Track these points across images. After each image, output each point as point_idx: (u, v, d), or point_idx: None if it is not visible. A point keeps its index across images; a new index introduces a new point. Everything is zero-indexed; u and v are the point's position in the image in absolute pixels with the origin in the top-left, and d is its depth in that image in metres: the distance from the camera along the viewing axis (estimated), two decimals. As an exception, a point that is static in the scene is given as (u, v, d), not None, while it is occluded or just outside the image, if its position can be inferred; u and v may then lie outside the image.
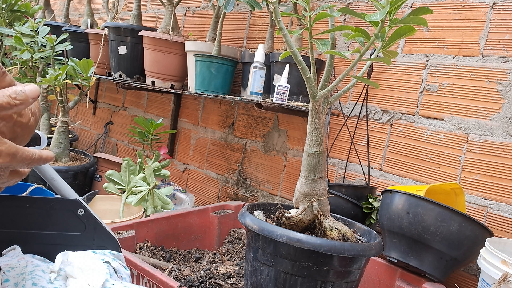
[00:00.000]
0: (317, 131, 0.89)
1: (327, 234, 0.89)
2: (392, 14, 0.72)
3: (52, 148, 1.91)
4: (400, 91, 1.41)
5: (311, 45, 0.84)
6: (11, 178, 0.47)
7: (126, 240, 1.16)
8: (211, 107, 2.04)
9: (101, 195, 1.68)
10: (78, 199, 0.61)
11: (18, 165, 0.44)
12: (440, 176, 1.31)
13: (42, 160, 0.47)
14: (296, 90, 1.51)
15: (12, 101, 0.41)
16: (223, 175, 1.97)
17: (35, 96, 0.42)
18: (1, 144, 0.41)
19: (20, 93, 0.41)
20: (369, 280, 1.20)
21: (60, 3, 3.09)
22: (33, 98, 0.42)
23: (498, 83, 1.21)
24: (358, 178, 1.51)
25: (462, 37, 1.29)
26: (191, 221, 1.38)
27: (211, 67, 1.63)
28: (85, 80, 1.84)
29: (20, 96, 0.41)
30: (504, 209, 1.19)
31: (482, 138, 1.23)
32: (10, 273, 0.52)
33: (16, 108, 0.41)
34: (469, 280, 1.24)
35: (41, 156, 0.47)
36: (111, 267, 0.59)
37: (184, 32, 2.16)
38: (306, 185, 0.90)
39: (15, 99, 0.41)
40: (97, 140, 2.69)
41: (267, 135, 1.80)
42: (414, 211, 1.06)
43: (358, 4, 1.54)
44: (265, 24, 1.82)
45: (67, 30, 2.19)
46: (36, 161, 0.46)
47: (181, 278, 1.08)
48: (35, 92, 0.42)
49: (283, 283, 0.85)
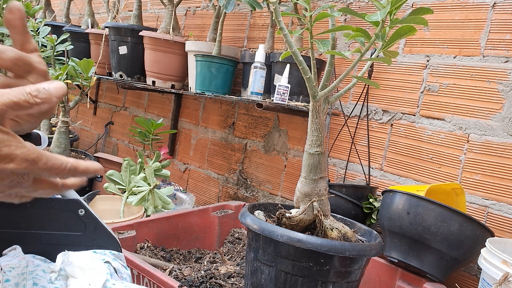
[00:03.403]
0: (318, 131, 0.89)
1: (327, 234, 0.89)
2: (393, 14, 0.72)
3: (52, 148, 1.91)
4: (400, 91, 1.41)
5: (312, 45, 0.84)
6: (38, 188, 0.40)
7: (126, 240, 1.16)
8: (211, 107, 2.04)
9: (102, 195, 1.68)
10: (79, 199, 0.61)
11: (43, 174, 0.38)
12: (441, 176, 1.31)
13: (79, 171, 0.40)
14: (297, 90, 1.51)
15: (32, 99, 0.36)
16: (224, 175, 1.97)
17: (60, 95, 0.38)
18: (17, 148, 0.36)
19: (43, 91, 0.37)
20: (370, 280, 1.20)
21: (60, 3, 3.09)
22: (58, 97, 0.38)
23: (498, 83, 1.21)
24: (358, 178, 1.51)
25: (463, 37, 1.28)
26: (191, 221, 1.38)
27: (211, 67, 1.63)
28: (86, 80, 1.84)
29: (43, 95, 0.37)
30: (504, 209, 1.19)
31: (483, 138, 1.23)
32: (10, 273, 0.52)
33: (38, 107, 0.37)
34: (469, 280, 1.24)
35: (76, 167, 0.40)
36: (112, 267, 0.59)
37: (185, 32, 2.16)
38: (306, 185, 0.90)
39: (36, 97, 0.36)
40: (97, 140, 2.69)
41: (267, 135, 1.80)
42: (415, 211, 1.06)
43: (358, 4, 1.54)
44: (265, 24, 1.82)
45: (68, 30, 2.19)
46: (71, 172, 0.40)
47: (182, 278, 1.08)
48: (60, 91, 0.38)
49: (284, 283, 0.85)
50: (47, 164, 0.38)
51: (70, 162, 0.40)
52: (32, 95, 0.36)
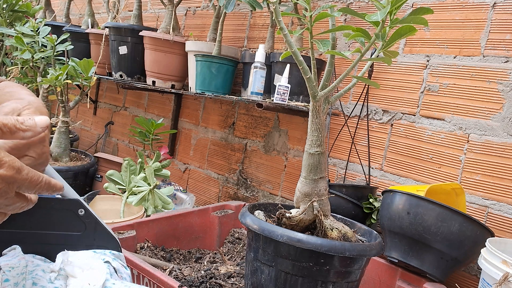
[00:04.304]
0: (318, 131, 0.89)
1: (327, 234, 0.89)
2: (393, 14, 0.72)
3: (52, 148, 1.91)
4: (400, 91, 1.41)
5: (312, 45, 0.84)
6: (17, 201, 0.45)
7: (126, 240, 1.17)
8: (211, 107, 2.04)
9: (102, 195, 1.68)
10: (79, 199, 0.61)
11: (24, 184, 0.43)
12: (441, 176, 1.31)
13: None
14: (297, 90, 1.50)
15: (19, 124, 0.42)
16: (224, 175, 1.97)
17: (43, 125, 0.44)
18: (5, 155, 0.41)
19: (28, 120, 0.43)
20: (370, 280, 1.20)
21: (60, 3, 3.09)
22: (42, 128, 0.44)
23: (499, 83, 1.21)
24: (358, 178, 1.51)
25: (463, 37, 1.28)
26: (191, 221, 1.38)
27: (211, 67, 1.63)
28: (86, 80, 1.84)
29: (28, 122, 0.43)
30: (504, 209, 1.19)
31: (483, 138, 1.23)
32: (10, 273, 0.52)
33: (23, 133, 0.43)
34: (469, 280, 1.24)
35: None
36: (112, 266, 0.59)
37: (185, 32, 2.16)
38: (306, 185, 0.90)
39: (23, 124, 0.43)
40: (97, 140, 2.70)
41: (267, 135, 1.80)
42: (415, 211, 1.06)
43: (358, 4, 1.54)
44: (265, 24, 1.82)
45: (68, 30, 2.19)
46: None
47: (182, 278, 1.08)
48: (44, 122, 0.44)
49: (284, 283, 0.85)
50: (28, 174, 0.43)
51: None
52: (19, 121, 0.43)
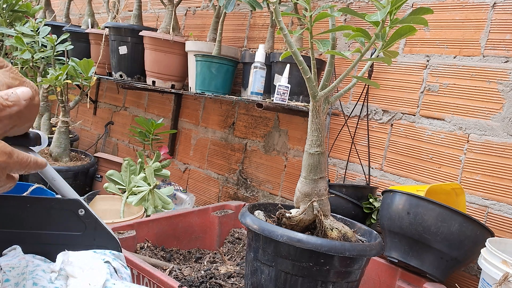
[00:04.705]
0: (318, 131, 0.89)
1: (327, 234, 0.89)
2: (393, 14, 0.72)
3: (52, 148, 1.91)
4: (400, 91, 1.41)
5: (312, 45, 0.84)
6: (7, 182, 0.47)
7: (126, 240, 1.17)
8: (211, 107, 2.04)
9: (102, 195, 1.68)
10: (79, 199, 0.61)
11: (15, 166, 0.45)
12: (441, 176, 1.31)
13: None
14: (297, 90, 1.51)
15: (5, 102, 0.43)
16: (224, 175, 1.97)
17: (26, 97, 0.45)
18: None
19: (12, 94, 0.44)
20: (370, 280, 1.20)
21: (60, 3, 3.09)
22: (25, 100, 0.45)
23: (498, 83, 1.21)
24: (358, 178, 1.51)
25: (463, 37, 1.28)
26: (191, 221, 1.38)
27: (211, 67, 1.63)
28: (86, 80, 1.84)
29: (12, 98, 0.44)
30: (504, 209, 1.19)
31: (483, 138, 1.23)
32: (10, 273, 0.52)
33: (9, 109, 0.43)
34: (469, 280, 1.24)
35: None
36: (112, 266, 0.59)
37: (185, 32, 2.16)
38: (306, 185, 0.90)
39: (7, 100, 0.43)
40: (97, 140, 2.70)
41: (267, 135, 1.80)
42: (415, 211, 1.06)
43: (358, 4, 1.54)
44: (265, 24, 1.82)
45: (68, 30, 2.19)
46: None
47: (182, 278, 1.08)
48: (26, 94, 0.45)
49: (284, 283, 0.85)
50: (19, 157, 0.45)
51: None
52: (3, 98, 0.43)
